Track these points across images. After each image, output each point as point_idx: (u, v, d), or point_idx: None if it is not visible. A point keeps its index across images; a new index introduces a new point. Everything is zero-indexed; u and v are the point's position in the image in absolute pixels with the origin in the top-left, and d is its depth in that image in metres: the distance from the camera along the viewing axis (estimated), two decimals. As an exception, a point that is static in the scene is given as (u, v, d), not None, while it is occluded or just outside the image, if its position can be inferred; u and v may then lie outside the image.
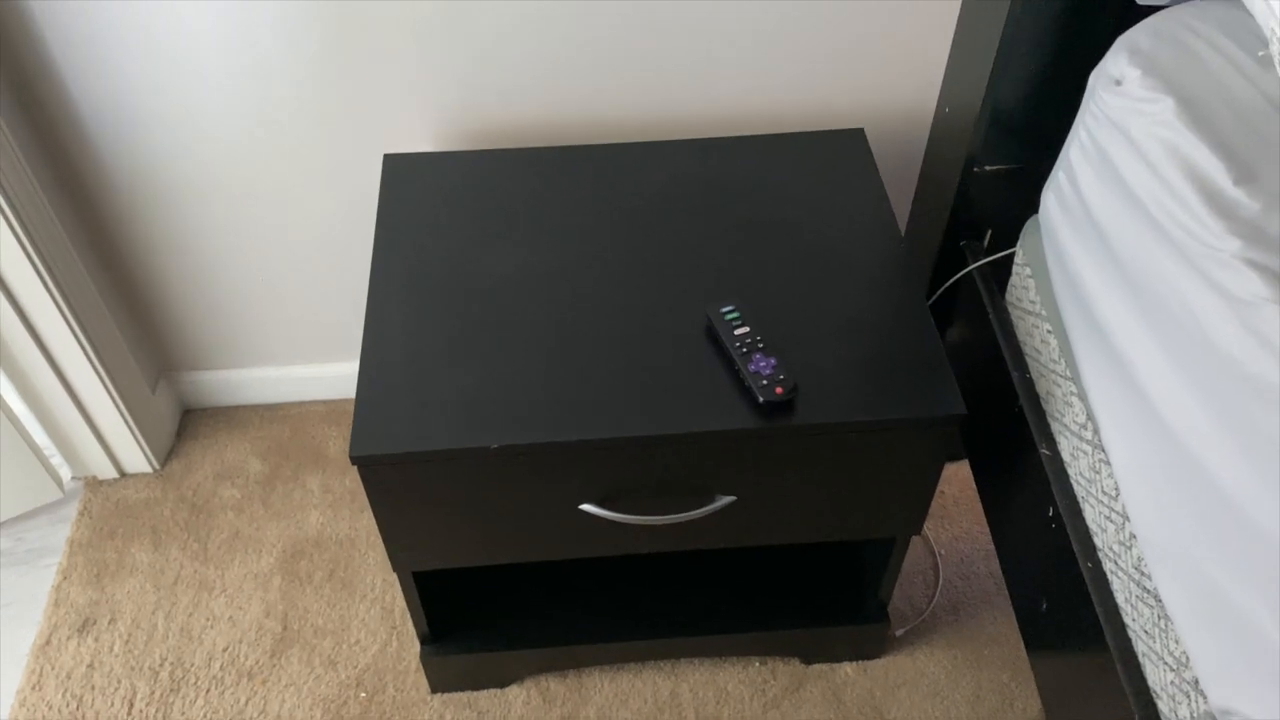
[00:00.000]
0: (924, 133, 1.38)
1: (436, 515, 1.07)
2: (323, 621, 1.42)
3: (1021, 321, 1.17)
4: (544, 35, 1.25)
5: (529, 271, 1.13)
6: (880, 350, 1.06)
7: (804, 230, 1.17)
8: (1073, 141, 1.02)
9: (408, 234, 1.17)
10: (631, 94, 1.32)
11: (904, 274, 1.13)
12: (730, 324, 1.05)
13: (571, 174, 1.24)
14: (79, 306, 1.36)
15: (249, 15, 1.20)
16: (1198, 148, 0.84)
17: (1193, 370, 0.82)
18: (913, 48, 1.29)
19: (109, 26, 1.19)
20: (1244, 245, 0.77)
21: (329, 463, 1.61)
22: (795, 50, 1.29)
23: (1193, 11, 0.96)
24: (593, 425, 1.00)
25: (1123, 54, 0.94)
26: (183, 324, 1.56)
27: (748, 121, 1.35)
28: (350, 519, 1.53)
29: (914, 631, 1.41)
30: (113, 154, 1.32)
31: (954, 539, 1.52)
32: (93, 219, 1.39)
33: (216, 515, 1.54)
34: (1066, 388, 1.05)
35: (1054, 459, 1.07)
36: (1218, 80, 0.88)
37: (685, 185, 1.22)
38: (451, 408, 1.01)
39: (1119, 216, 0.93)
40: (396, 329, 1.08)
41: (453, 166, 1.25)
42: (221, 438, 1.64)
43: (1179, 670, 0.86)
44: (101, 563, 1.49)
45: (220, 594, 1.45)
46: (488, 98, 1.31)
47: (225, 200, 1.39)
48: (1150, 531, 0.90)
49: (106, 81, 1.24)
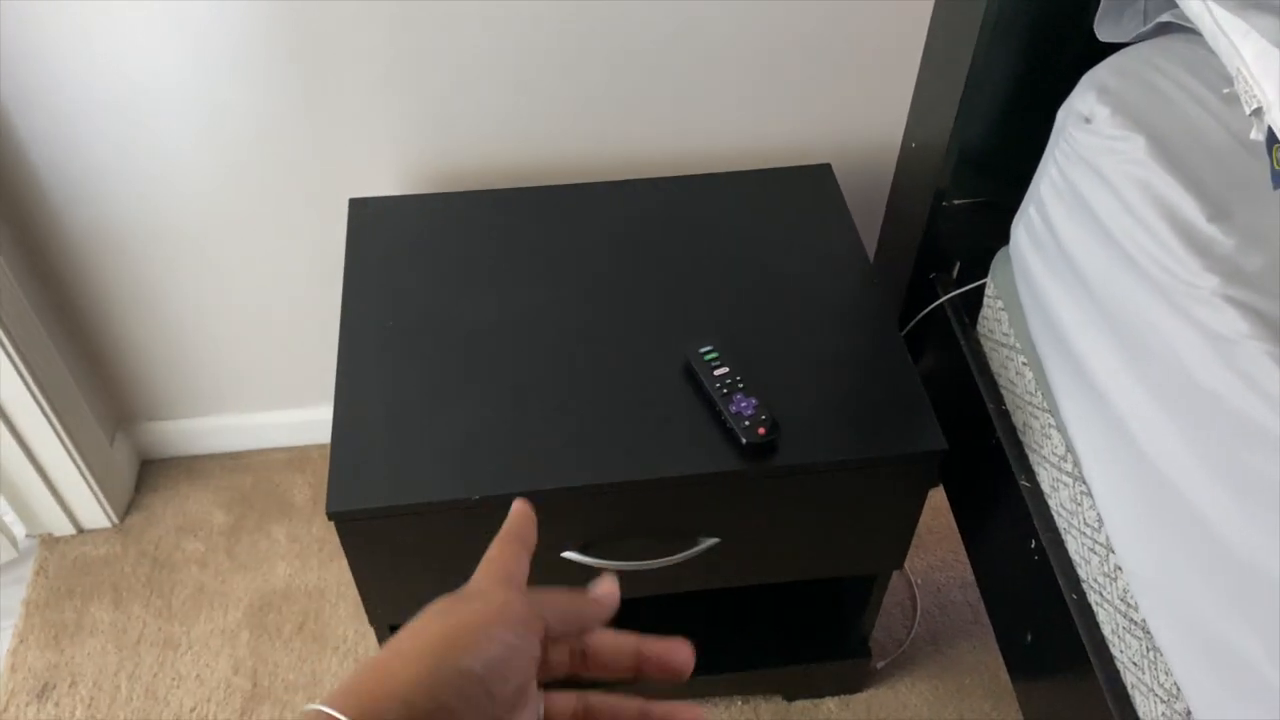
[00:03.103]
0: (890, 168, 1.39)
1: (415, 568, 1.04)
2: (294, 676, 1.38)
3: (995, 353, 1.18)
4: (509, 77, 1.24)
5: (502, 315, 1.11)
6: (858, 387, 1.06)
7: (776, 267, 1.17)
8: (1043, 177, 1.04)
9: (377, 279, 1.15)
10: (600, 133, 1.31)
11: (876, 308, 1.13)
12: (709, 364, 1.04)
13: (540, 215, 1.23)
14: (31, 357, 1.32)
15: (209, 64, 1.18)
16: (1171, 185, 0.85)
17: (1174, 405, 0.83)
18: (878, 84, 1.30)
19: (66, 80, 1.16)
20: (1222, 282, 0.79)
21: (294, 511, 1.57)
22: (762, 88, 1.29)
23: (1156, 49, 0.98)
24: (573, 472, 0.98)
25: (1090, 92, 0.95)
26: (140, 373, 1.51)
27: (716, 159, 1.35)
28: (319, 569, 1.50)
29: (894, 663, 1.41)
30: (68, 204, 1.29)
31: (929, 568, 1.52)
32: (45, 268, 1.35)
33: (180, 569, 1.50)
34: (1044, 420, 1.06)
35: (1034, 491, 1.08)
36: (1186, 118, 0.90)
37: (656, 224, 1.22)
38: (429, 459, 0.99)
39: (1093, 252, 0.94)
40: (369, 378, 1.05)
41: (420, 209, 1.24)
42: (182, 489, 1.60)
43: (1170, 702, 0.86)
44: (60, 624, 1.43)
45: (186, 652, 1.41)
46: (454, 140, 1.30)
47: (184, 248, 1.36)
48: (1135, 563, 0.90)
49: (62, 132, 1.21)
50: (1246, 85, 0.84)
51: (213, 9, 1.13)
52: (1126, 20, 1.02)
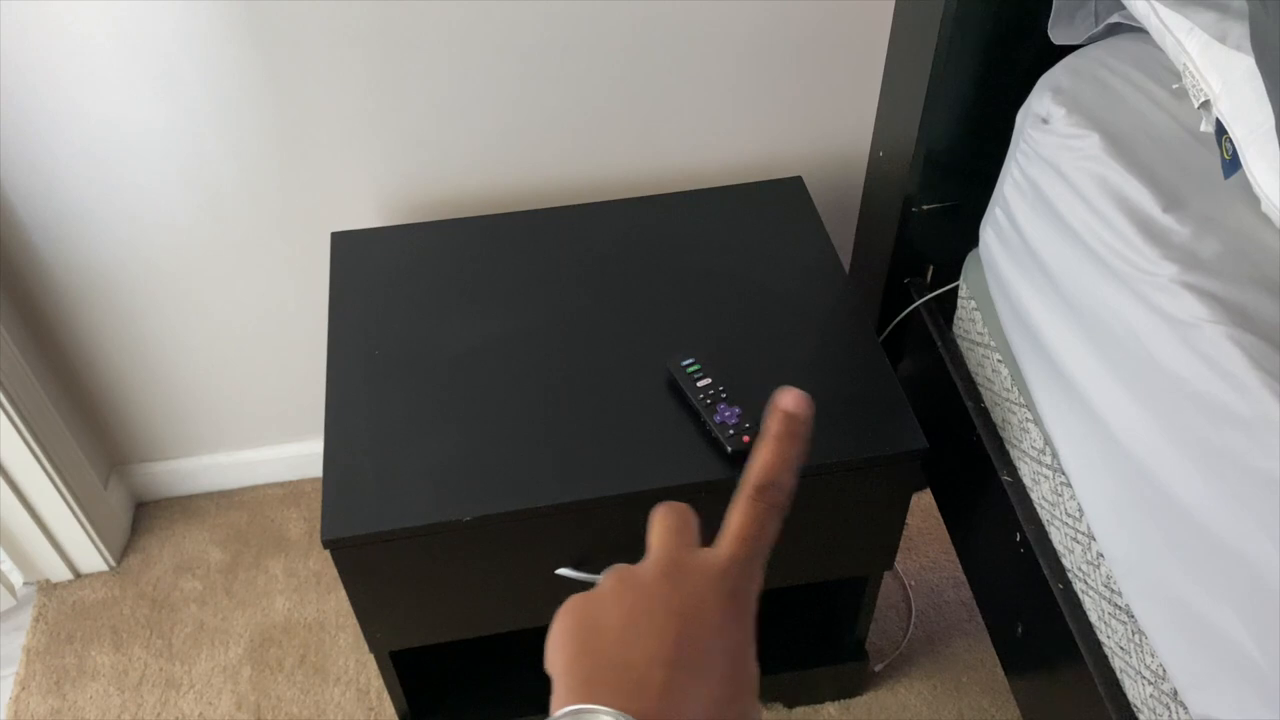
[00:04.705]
0: (860, 177, 1.42)
1: (412, 592, 1.06)
2: (297, 710, 1.39)
3: (971, 352, 1.20)
4: (481, 108, 1.27)
5: (486, 340, 1.13)
6: (839, 392, 1.08)
7: (753, 279, 1.20)
8: (1006, 178, 1.06)
9: (362, 310, 1.17)
10: (574, 158, 1.34)
11: (853, 314, 1.16)
12: (691, 376, 1.06)
13: (520, 239, 1.25)
14: (23, 403, 1.33)
15: (184, 105, 1.20)
16: (1126, 179, 0.88)
17: (1141, 390, 0.86)
18: (845, 97, 1.33)
19: (48, 128, 1.18)
20: (1179, 269, 0.81)
21: (291, 546, 1.58)
22: (733, 105, 1.32)
23: (1107, 49, 1.01)
24: (563, 488, 1.00)
25: (1046, 93, 0.98)
26: (132, 415, 1.53)
27: (690, 177, 1.38)
28: (317, 601, 1.51)
29: (892, 665, 1.42)
30: (53, 251, 1.30)
31: (922, 569, 1.54)
32: (33, 315, 1.37)
33: (179, 609, 1.50)
34: (1022, 415, 1.08)
35: (1016, 485, 1.10)
36: (1138, 113, 0.93)
37: (633, 243, 1.24)
38: (420, 482, 1.01)
39: (1057, 247, 0.96)
40: (358, 407, 1.07)
41: (402, 240, 1.26)
42: (179, 529, 1.60)
43: (1157, 683, 0.88)
44: (61, 669, 1.44)
45: (188, 691, 1.41)
46: (431, 170, 1.32)
47: (169, 290, 1.38)
48: (1116, 549, 0.92)
49: (42, 179, 1.23)
50: (1194, 79, 0.87)
51: (184, 49, 1.15)
52: (1078, 22, 1.06)
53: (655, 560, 0.42)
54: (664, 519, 0.43)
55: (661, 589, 0.40)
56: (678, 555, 0.42)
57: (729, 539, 0.42)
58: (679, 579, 0.40)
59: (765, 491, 0.42)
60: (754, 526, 0.41)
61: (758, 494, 0.42)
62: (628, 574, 0.42)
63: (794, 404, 0.43)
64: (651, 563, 0.42)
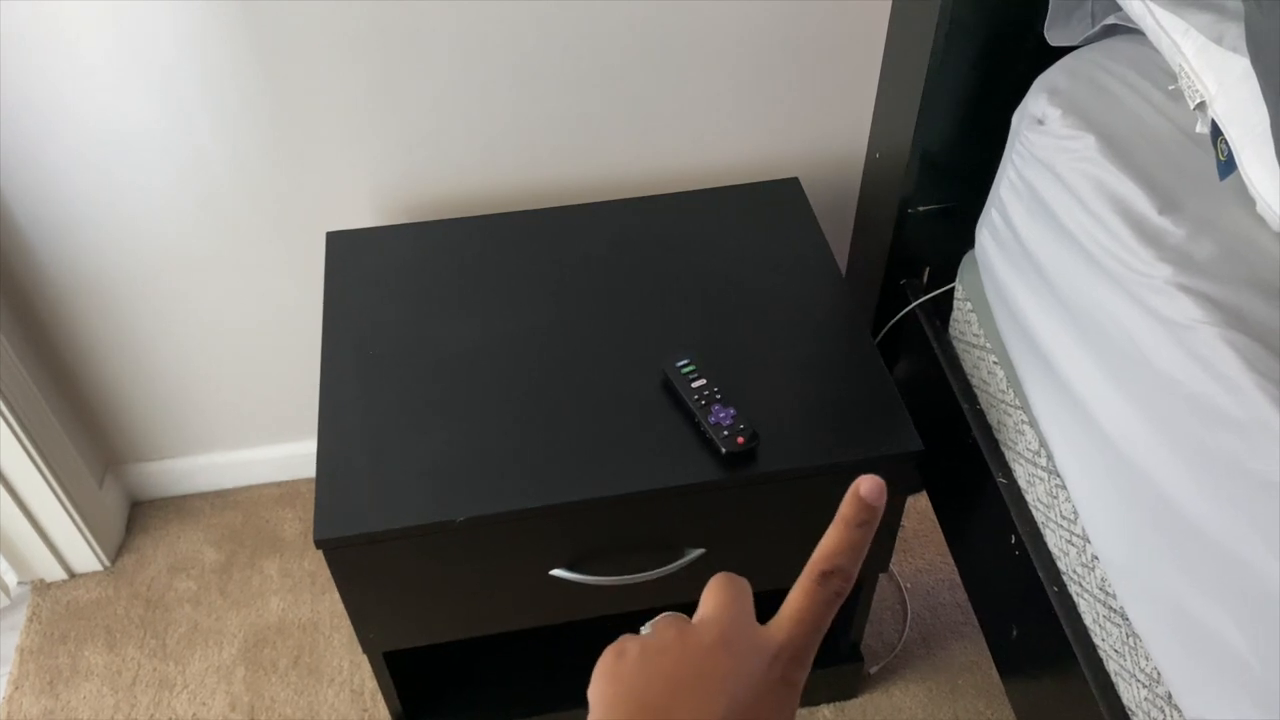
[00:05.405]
0: (856, 178, 1.42)
1: (405, 593, 1.06)
2: (291, 710, 1.39)
3: (967, 354, 1.20)
4: (476, 109, 1.26)
5: (481, 340, 1.13)
6: (834, 393, 1.08)
7: (749, 280, 1.19)
8: (1002, 179, 1.06)
9: (357, 310, 1.17)
10: (570, 158, 1.34)
11: (849, 316, 1.15)
12: (686, 377, 1.06)
13: (516, 240, 1.25)
14: (18, 403, 1.33)
15: (179, 107, 1.20)
16: (1121, 180, 0.87)
17: (1136, 393, 0.85)
18: (840, 98, 1.33)
19: (43, 128, 1.18)
20: (1174, 271, 0.81)
21: (285, 546, 1.58)
22: (730, 106, 1.32)
23: (1103, 51, 1.01)
24: (557, 489, 1.00)
25: (1042, 95, 0.98)
26: (127, 416, 1.52)
27: (686, 178, 1.38)
28: (312, 602, 1.50)
29: (887, 668, 1.42)
30: (47, 250, 1.30)
31: (918, 571, 1.53)
32: (27, 313, 1.37)
33: (173, 609, 1.50)
34: (1017, 417, 1.08)
35: (1011, 487, 1.10)
36: (1134, 115, 0.93)
37: (629, 244, 1.24)
38: (413, 483, 1.00)
39: (1052, 249, 0.96)
40: (352, 407, 1.07)
41: (397, 240, 1.26)
42: (173, 528, 1.60)
43: (1151, 686, 0.88)
44: (54, 669, 1.43)
45: (182, 691, 1.41)
46: (426, 170, 1.32)
47: (164, 290, 1.38)
48: (1111, 551, 0.92)
49: (37, 181, 1.23)
50: (1189, 81, 0.87)
51: (181, 49, 1.15)
52: (1074, 24, 1.05)
53: (715, 624, 0.41)
54: (725, 586, 0.43)
55: (717, 656, 0.40)
56: (739, 625, 0.41)
57: (788, 620, 0.41)
58: (736, 651, 0.40)
59: (830, 578, 0.41)
60: (814, 611, 0.41)
61: (823, 579, 0.41)
62: (688, 631, 0.41)
63: (871, 493, 0.42)
64: (711, 624, 0.41)
